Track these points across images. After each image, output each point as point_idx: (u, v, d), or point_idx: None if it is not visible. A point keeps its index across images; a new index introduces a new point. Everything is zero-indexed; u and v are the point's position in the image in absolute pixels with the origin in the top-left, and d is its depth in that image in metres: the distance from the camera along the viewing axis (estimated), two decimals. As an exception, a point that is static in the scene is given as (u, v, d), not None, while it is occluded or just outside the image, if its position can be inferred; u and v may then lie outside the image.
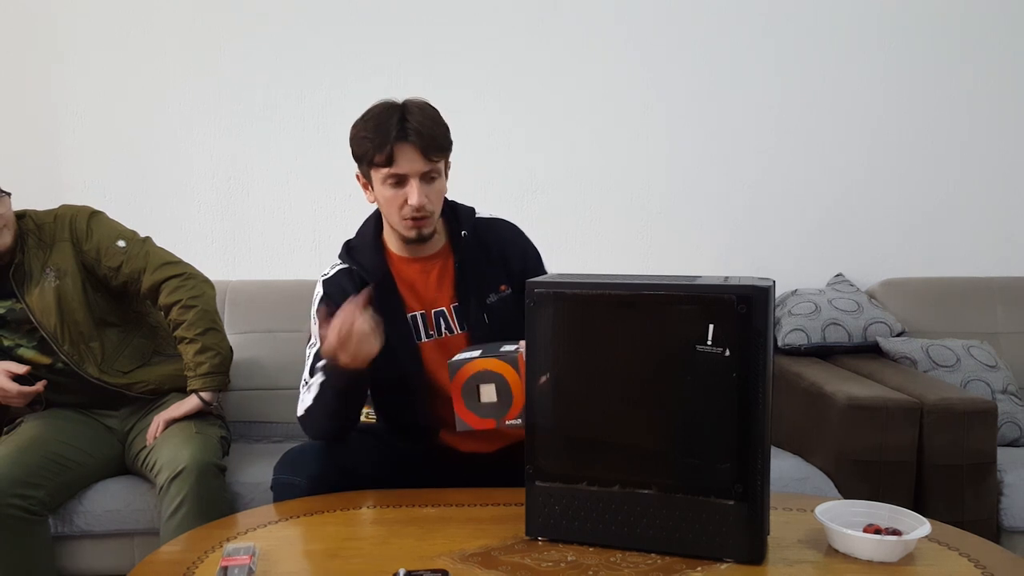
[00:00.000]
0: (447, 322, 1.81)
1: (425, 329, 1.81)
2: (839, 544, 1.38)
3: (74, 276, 2.06)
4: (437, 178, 1.73)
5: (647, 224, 2.97)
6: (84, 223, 2.09)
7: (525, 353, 1.43)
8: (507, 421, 1.48)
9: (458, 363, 1.51)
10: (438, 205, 1.75)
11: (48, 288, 2.04)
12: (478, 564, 1.34)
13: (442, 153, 1.72)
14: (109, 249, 2.08)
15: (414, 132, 1.67)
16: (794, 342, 2.68)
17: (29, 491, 1.91)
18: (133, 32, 2.82)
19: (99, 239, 2.08)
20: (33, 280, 2.05)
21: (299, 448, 1.76)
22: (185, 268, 2.13)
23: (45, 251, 2.06)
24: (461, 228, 1.82)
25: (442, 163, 1.74)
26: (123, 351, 2.14)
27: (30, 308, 2.05)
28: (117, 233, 2.12)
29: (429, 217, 1.73)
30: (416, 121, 1.68)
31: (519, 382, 1.46)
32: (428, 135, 1.68)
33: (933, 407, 2.17)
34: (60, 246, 2.07)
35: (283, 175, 2.89)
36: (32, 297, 2.05)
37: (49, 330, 2.05)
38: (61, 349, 2.06)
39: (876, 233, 3.02)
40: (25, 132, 2.81)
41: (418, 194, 1.69)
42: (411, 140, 1.67)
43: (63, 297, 2.05)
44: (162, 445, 1.99)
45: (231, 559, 1.29)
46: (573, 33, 2.91)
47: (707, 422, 1.33)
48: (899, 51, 2.98)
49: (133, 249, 2.09)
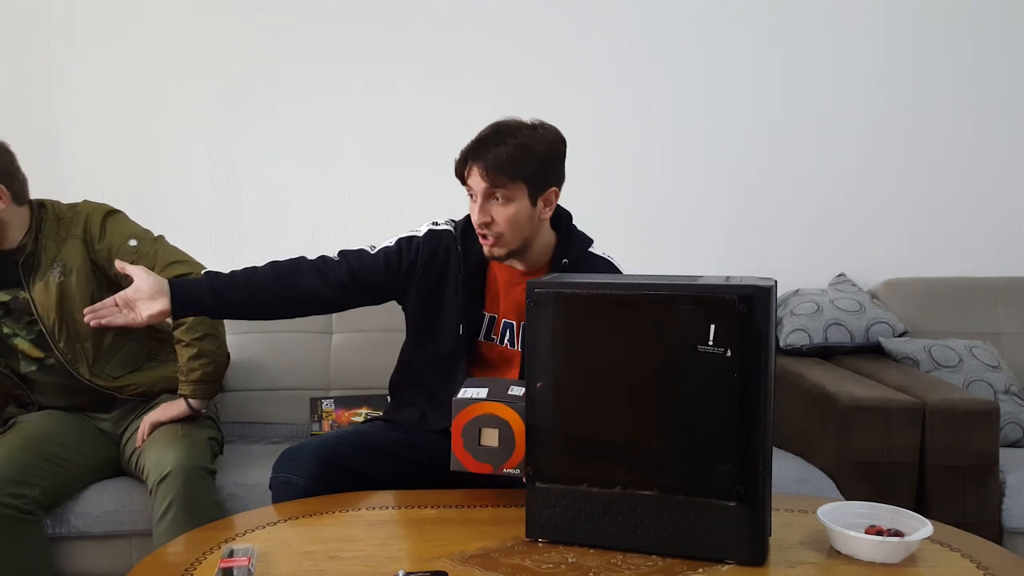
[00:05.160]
0: (511, 335, 1.85)
1: (489, 331, 1.87)
2: (841, 545, 1.38)
3: (80, 274, 2.04)
4: (505, 203, 1.75)
5: (647, 224, 2.96)
6: (99, 222, 2.08)
7: (526, 353, 1.42)
8: (505, 469, 1.47)
9: (463, 402, 1.50)
10: (508, 229, 1.77)
11: (52, 283, 2.03)
12: (478, 566, 1.33)
13: (507, 179, 1.74)
14: (120, 249, 2.05)
15: (483, 154, 1.73)
16: (796, 342, 2.67)
17: (23, 490, 1.90)
18: (132, 32, 2.81)
19: (111, 239, 2.07)
20: (40, 272, 2.04)
21: (297, 447, 1.76)
22: (193, 267, 2.11)
23: (58, 245, 2.05)
24: (566, 255, 1.84)
25: (515, 189, 1.75)
26: (116, 355, 2.13)
27: (33, 300, 2.04)
28: (130, 233, 2.09)
29: (496, 238, 1.78)
30: (493, 142, 1.74)
31: (524, 431, 1.44)
32: (493, 159, 1.73)
33: (935, 408, 2.16)
34: (72, 243, 2.05)
35: (282, 175, 2.88)
36: (36, 289, 2.04)
37: (47, 325, 2.04)
38: (56, 345, 2.05)
39: (878, 233, 3.01)
40: (25, 132, 2.79)
41: (479, 211, 1.76)
42: (478, 160, 1.73)
43: (65, 294, 2.03)
44: (149, 448, 1.99)
45: (230, 561, 1.29)
46: (573, 33, 2.91)
47: (708, 423, 1.32)
48: (901, 51, 2.98)
49: (144, 248, 2.08)
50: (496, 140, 1.75)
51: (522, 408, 1.45)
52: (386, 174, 2.89)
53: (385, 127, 2.89)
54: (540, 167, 1.76)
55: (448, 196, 2.07)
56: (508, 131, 1.76)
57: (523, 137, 1.75)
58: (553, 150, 1.80)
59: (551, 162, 1.80)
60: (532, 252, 1.84)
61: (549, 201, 1.80)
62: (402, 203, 2.88)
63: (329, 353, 2.61)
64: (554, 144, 1.80)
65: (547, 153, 1.78)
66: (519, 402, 1.46)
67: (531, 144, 1.75)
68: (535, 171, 1.76)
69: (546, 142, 1.78)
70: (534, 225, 1.80)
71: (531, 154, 1.75)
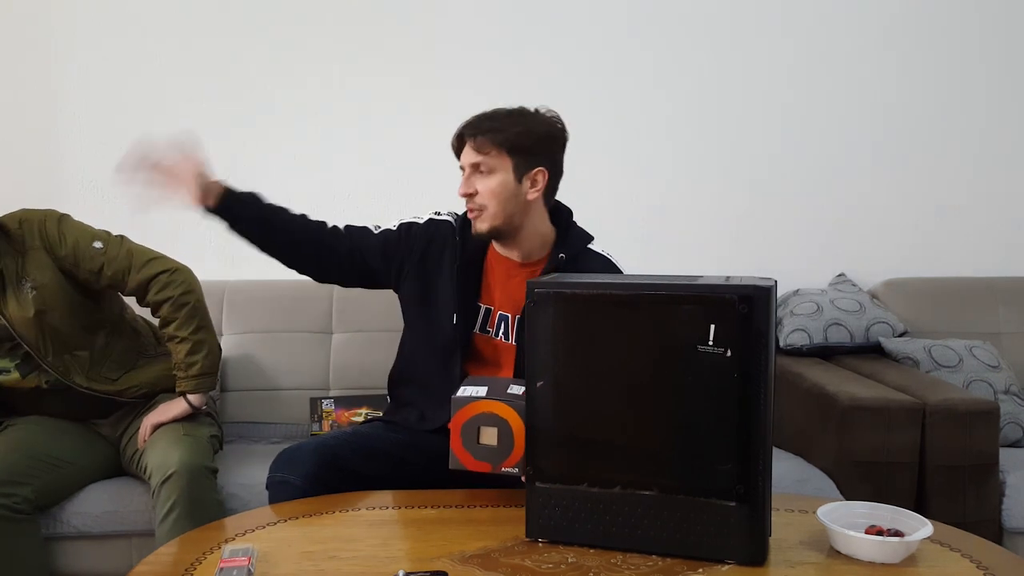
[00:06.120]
0: (506, 328, 1.85)
1: (485, 323, 1.86)
2: (841, 546, 1.38)
3: (53, 285, 1.97)
4: (487, 173, 1.77)
5: (648, 223, 2.96)
6: (55, 228, 1.99)
7: (526, 353, 1.42)
8: (504, 468, 1.48)
9: (462, 400, 1.50)
10: (490, 201, 1.78)
11: (26, 300, 1.96)
12: (478, 566, 1.33)
13: (491, 146, 1.75)
14: (87, 252, 1.99)
15: (475, 125, 1.77)
16: (796, 342, 2.67)
17: (14, 490, 1.88)
18: (132, 32, 2.81)
19: (73, 243, 1.99)
20: (10, 291, 1.97)
21: (295, 446, 1.76)
22: (171, 263, 2.08)
23: (16, 259, 1.97)
24: (564, 250, 1.84)
25: (498, 160, 1.76)
26: (109, 356, 2.10)
27: (10, 321, 1.97)
28: (91, 235, 2.03)
29: (479, 210, 1.79)
30: (488, 116, 1.78)
31: (523, 429, 1.44)
32: (476, 125, 1.76)
33: (935, 408, 2.16)
34: (33, 254, 1.97)
35: (282, 175, 2.87)
36: (10, 309, 1.97)
37: (31, 342, 1.98)
38: (45, 360, 2.00)
39: (878, 233, 3.01)
40: (25, 132, 2.81)
41: (463, 183, 1.79)
42: (469, 129, 1.77)
43: (42, 308, 1.97)
44: (151, 448, 1.97)
45: (230, 561, 1.29)
46: (574, 32, 2.91)
47: (708, 423, 1.32)
48: (902, 51, 2.98)
49: (112, 250, 2.02)
50: (490, 115, 1.79)
51: (521, 407, 1.45)
52: (386, 174, 2.89)
53: (385, 127, 2.89)
54: (527, 141, 1.77)
55: (448, 196, 2.07)
56: (506, 110, 1.80)
57: (518, 115, 1.79)
58: (546, 130, 1.80)
59: (541, 141, 1.80)
60: (524, 240, 1.84)
61: (536, 182, 1.79)
62: (402, 203, 2.87)
63: (329, 353, 2.60)
64: (550, 127, 1.81)
65: (538, 131, 1.79)
66: (518, 401, 1.46)
67: (523, 120, 1.78)
68: (522, 145, 1.76)
69: (542, 123, 1.80)
70: (520, 204, 1.79)
71: (521, 128, 1.77)
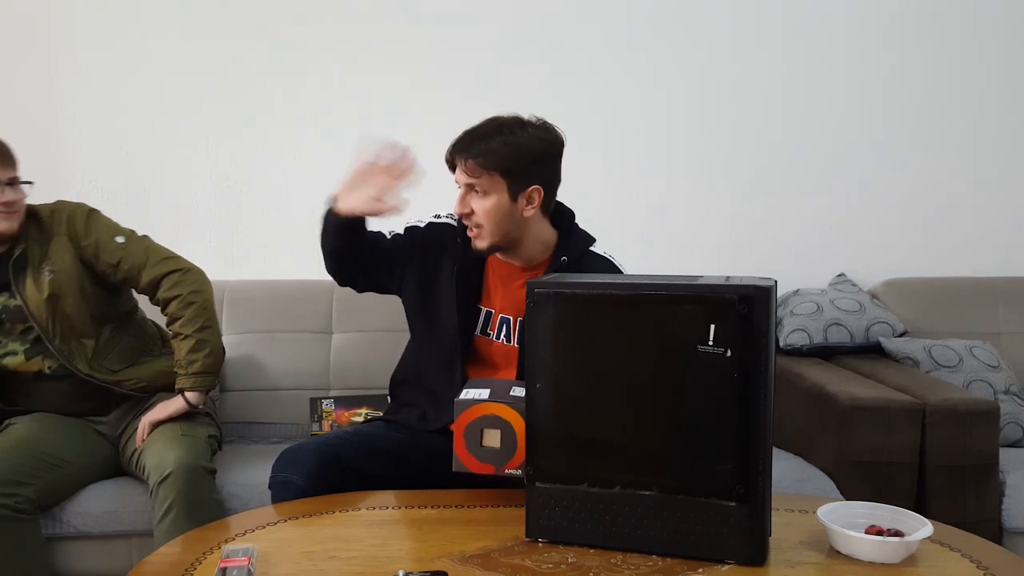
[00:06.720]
0: (507, 330, 1.85)
1: (486, 326, 1.86)
2: (841, 546, 1.38)
3: (70, 272, 2.05)
4: (483, 195, 1.76)
5: (648, 223, 2.96)
6: (82, 220, 2.08)
7: (526, 353, 1.42)
8: (507, 470, 1.48)
9: (465, 403, 1.50)
10: (486, 221, 1.77)
11: (42, 282, 2.03)
12: (478, 566, 1.33)
13: (483, 172, 1.74)
14: (108, 245, 2.07)
15: (466, 146, 1.75)
16: (796, 342, 2.67)
17: (16, 489, 1.89)
18: (132, 32, 2.81)
19: (98, 236, 2.08)
20: (30, 273, 2.04)
21: (297, 446, 1.76)
22: (185, 264, 2.13)
23: (43, 245, 2.05)
24: (566, 253, 1.84)
25: (492, 182, 1.75)
26: (113, 349, 2.13)
27: (25, 301, 2.03)
28: (116, 230, 2.11)
29: (476, 230, 1.79)
30: (478, 136, 1.76)
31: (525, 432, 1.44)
32: (473, 152, 1.74)
33: (935, 408, 2.16)
34: (58, 241, 2.06)
35: (282, 175, 2.88)
36: (27, 289, 2.03)
37: (41, 323, 2.03)
38: (52, 343, 2.04)
39: (878, 233, 3.01)
40: (24, 132, 2.79)
41: (458, 202, 1.79)
42: (460, 152, 1.76)
43: (56, 292, 2.03)
44: (149, 448, 1.98)
45: (230, 561, 1.29)
46: (573, 32, 2.91)
47: (708, 423, 1.32)
48: (902, 51, 2.98)
49: (132, 245, 2.09)
50: (481, 133, 1.76)
51: (524, 409, 1.45)
52: (386, 174, 2.89)
53: (386, 127, 2.87)
54: (521, 163, 1.75)
55: (449, 197, 2.07)
56: (496, 126, 1.76)
57: (508, 133, 1.75)
58: (540, 148, 1.78)
59: (536, 160, 1.78)
60: (525, 249, 1.84)
61: (532, 200, 1.78)
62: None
63: (329, 353, 2.60)
64: (543, 143, 1.78)
65: (531, 151, 1.76)
66: (521, 403, 1.46)
67: (515, 140, 1.75)
68: (515, 167, 1.75)
69: (534, 139, 1.77)
70: (516, 222, 1.79)
71: (512, 150, 1.74)
